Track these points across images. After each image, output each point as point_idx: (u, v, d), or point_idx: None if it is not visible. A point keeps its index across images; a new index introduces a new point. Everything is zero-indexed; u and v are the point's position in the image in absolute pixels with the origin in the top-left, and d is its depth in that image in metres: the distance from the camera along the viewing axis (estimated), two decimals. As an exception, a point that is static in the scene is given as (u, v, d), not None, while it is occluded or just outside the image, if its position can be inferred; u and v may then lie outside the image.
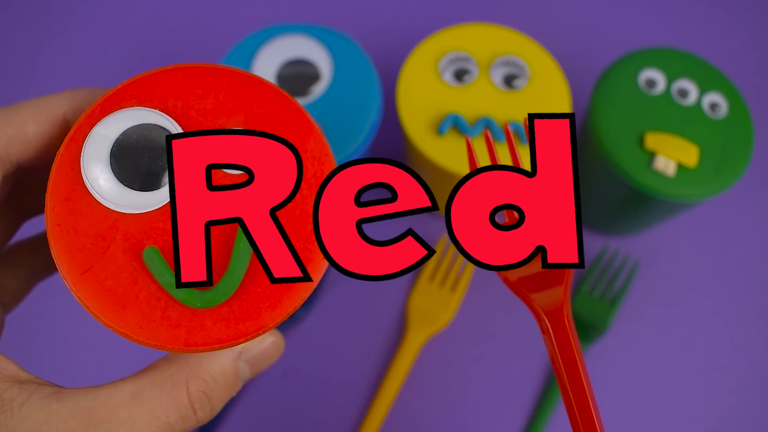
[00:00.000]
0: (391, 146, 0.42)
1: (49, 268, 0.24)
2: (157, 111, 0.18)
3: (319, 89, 0.34)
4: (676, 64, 0.35)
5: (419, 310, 0.38)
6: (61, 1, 0.48)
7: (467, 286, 0.39)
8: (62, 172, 0.17)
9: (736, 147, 0.33)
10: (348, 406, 0.37)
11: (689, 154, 0.32)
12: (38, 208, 0.23)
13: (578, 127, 0.40)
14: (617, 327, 0.39)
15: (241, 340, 0.18)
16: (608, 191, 0.36)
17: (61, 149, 0.17)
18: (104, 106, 0.18)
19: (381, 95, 0.35)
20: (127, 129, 0.18)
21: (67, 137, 0.18)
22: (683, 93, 0.34)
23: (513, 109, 0.33)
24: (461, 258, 0.39)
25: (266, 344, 0.20)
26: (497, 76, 0.34)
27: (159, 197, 0.18)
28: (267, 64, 0.34)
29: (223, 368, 0.19)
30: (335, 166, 0.19)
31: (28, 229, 0.23)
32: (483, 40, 0.34)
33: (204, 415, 0.19)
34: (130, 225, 0.17)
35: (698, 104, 0.34)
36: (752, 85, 0.46)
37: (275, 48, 0.35)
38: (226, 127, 0.18)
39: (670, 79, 0.35)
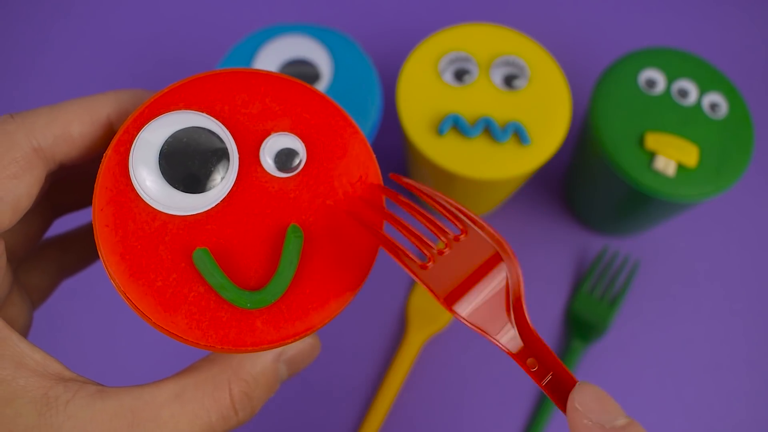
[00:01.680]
0: (391, 146, 0.42)
1: (76, 265, 0.24)
2: (205, 114, 0.18)
3: (319, 89, 0.34)
4: (676, 64, 0.35)
5: (419, 310, 0.38)
6: (62, 2, 0.48)
7: (467, 286, 0.39)
8: (110, 173, 0.17)
9: (736, 147, 0.33)
10: (348, 406, 0.37)
11: (689, 154, 0.32)
12: (70, 206, 0.23)
13: (578, 127, 0.40)
14: (617, 327, 0.39)
15: (289, 341, 0.18)
16: (608, 191, 0.36)
17: (109, 151, 0.17)
18: (152, 108, 0.18)
19: (381, 95, 0.35)
20: (176, 132, 0.18)
21: (115, 139, 0.17)
22: (683, 93, 0.34)
23: (513, 109, 0.33)
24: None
25: (304, 345, 0.20)
26: (497, 76, 0.34)
27: (207, 199, 0.18)
28: (267, 64, 0.34)
29: (264, 369, 0.19)
30: (378, 169, 0.19)
31: (55, 227, 0.23)
32: (483, 40, 0.34)
33: (245, 416, 0.19)
34: (178, 227, 0.17)
35: (698, 104, 0.34)
36: (752, 85, 0.46)
37: (275, 48, 0.35)
38: (273, 131, 0.19)
39: (670, 79, 0.35)
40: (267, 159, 0.18)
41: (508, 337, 0.18)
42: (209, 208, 0.18)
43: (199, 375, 0.18)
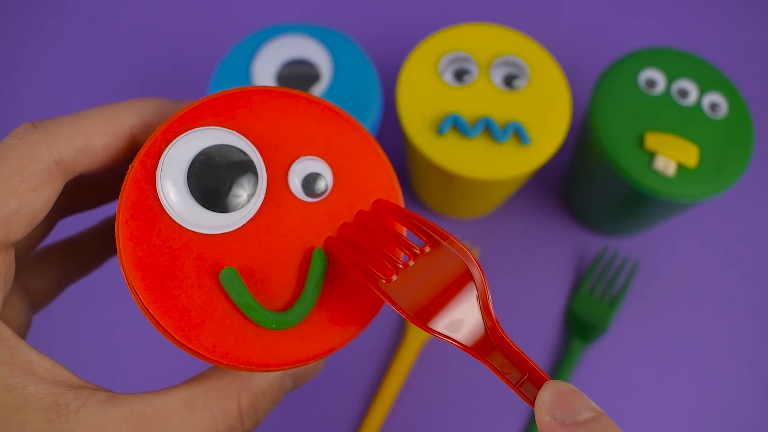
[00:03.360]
0: (391, 146, 0.42)
1: (80, 270, 0.24)
2: (235, 132, 0.18)
3: (319, 89, 0.34)
4: (676, 64, 0.35)
5: (419, 310, 0.38)
6: (62, 2, 0.48)
7: (467, 286, 0.39)
8: (136, 187, 0.17)
9: (736, 147, 0.33)
10: (348, 406, 0.37)
11: (689, 154, 0.32)
12: (74, 208, 0.23)
13: (578, 127, 0.40)
14: (617, 327, 0.39)
15: (310, 361, 0.18)
16: (608, 191, 0.36)
17: (136, 164, 0.17)
18: (181, 122, 0.18)
19: (381, 95, 0.35)
20: (206, 148, 0.17)
21: (142, 152, 0.17)
22: (683, 93, 0.34)
23: (513, 109, 0.33)
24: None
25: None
26: (497, 76, 0.34)
27: (235, 219, 0.18)
28: (267, 64, 0.34)
29: (271, 382, 0.19)
30: (400, 195, 0.20)
31: (59, 231, 0.23)
32: (483, 40, 0.34)
33: (250, 426, 0.19)
34: (204, 245, 0.17)
35: (698, 104, 0.34)
36: (752, 85, 0.46)
37: (275, 48, 0.35)
38: (301, 155, 0.19)
39: (670, 79, 0.35)
40: (295, 182, 0.18)
41: (476, 337, 0.17)
42: (237, 227, 0.18)
43: (208, 384, 0.18)
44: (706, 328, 0.40)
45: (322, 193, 0.19)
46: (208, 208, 0.17)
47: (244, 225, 0.18)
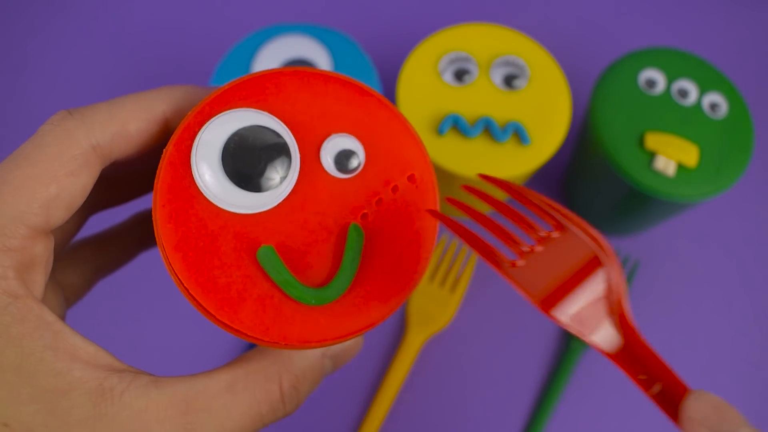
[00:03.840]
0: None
1: (111, 265, 0.24)
2: (267, 113, 0.18)
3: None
4: (676, 64, 0.35)
5: (419, 310, 0.38)
6: (63, 2, 0.48)
7: (467, 286, 0.39)
8: (171, 170, 0.17)
9: (736, 147, 0.33)
10: (348, 406, 0.37)
11: (689, 154, 0.32)
12: (105, 203, 0.23)
13: (578, 127, 0.40)
14: (617, 327, 0.39)
15: (350, 336, 0.18)
16: (608, 191, 0.36)
17: (170, 148, 0.17)
18: (213, 105, 0.18)
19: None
20: (239, 129, 0.18)
21: (175, 136, 0.17)
22: (683, 93, 0.34)
23: (513, 109, 0.33)
24: (461, 258, 0.39)
25: (348, 341, 0.21)
26: (497, 76, 0.34)
27: (270, 198, 0.18)
28: (267, 64, 0.34)
29: (312, 364, 0.19)
30: (432, 168, 0.20)
31: (89, 227, 0.23)
32: (483, 40, 0.34)
33: (291, 408, 0.19)
34: (241, 224, 0.18)
35: (698, 104, 0.34)
36: (752, 85, 0.46)
37: (275, 48, 0.35)
38: (333, 132, 0.19)
39: (670, 79, 0.35)
40: (327, 159, 0.19)
41: (608, 341, 0.16)
42: (272, 206, 0.18)
43: (250, 366, 0.18)
44: (706, 328, 0.40)
45: (355, 168, 0.19)
46: (243, 188, 0.17)
47: (279, 203, 0.18)
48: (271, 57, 0.35)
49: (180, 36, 0.47)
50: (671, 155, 0.32)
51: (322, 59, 0.35)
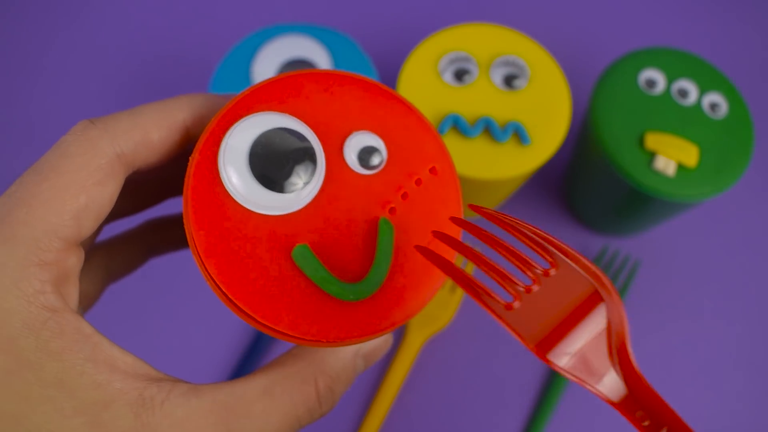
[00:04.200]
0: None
1: (122, 270, 0.24)
2: (289, 115, 0.18)
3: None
4: (676, 64, 0.35)
5: (419, 310, 0.38)
6: (63, 2, 0.48)
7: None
8: (200, 177, 0.17)
9: (736, 147, 0.33)
10: (348, 406, 0.37)
11: (689, 154, 0.32)
12: (123, 211, 0.23)
13: (578, 127, 0.40)
14: (617, 327, 0.39)
15: (389, 330, 0.18)
16: (608, 191, 0.36)
17: (196, 155, 0.17)
18: (235, 111, 0.18)
19: (381, 95, 0.35)
20: (264, 132, 0.18)
21: (201, 143, 0.18)
22: (683, 93, 0.34)
23: (513, 109, 0.33)
24: (461, 258, 0.39)
25: (379, 339, 0.21)
26: (497, 76, 0.34)
27: (299, 198, 0.18)
28: (267, 64, 0.34)
29: (345, 364, 0.20)
30: (451, 160, 0.20)
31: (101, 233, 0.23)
32: (483, 40, 0.34)
33: (327, 409, 0.19)
34: (272, 226, 0.18)
35: (698, 104, 0.34)
36: (752, 85, 0.46)
37: (275, 48, 0.35)
38: (354, 130, 0.19)
39: (670, 79, 0.35)
40: (351, 156, 0.19)
41: (610, 385, 0.16)
42: (302, 207, 0.18)
43: (286, 370, 0.18)
44: (706, 328, 0.40)
45: (378, 164, 0.19)
46: (272, 190, 0.18)
47: (308, 202, 0.18)
48: (271, 57, 0.35)
49: (180, 36, 0.47)
50: (671, 155, 0.32)
51: (322, 59, 0.35)
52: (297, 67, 0.34)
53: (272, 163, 0.18)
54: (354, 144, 0.19)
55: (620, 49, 0.47)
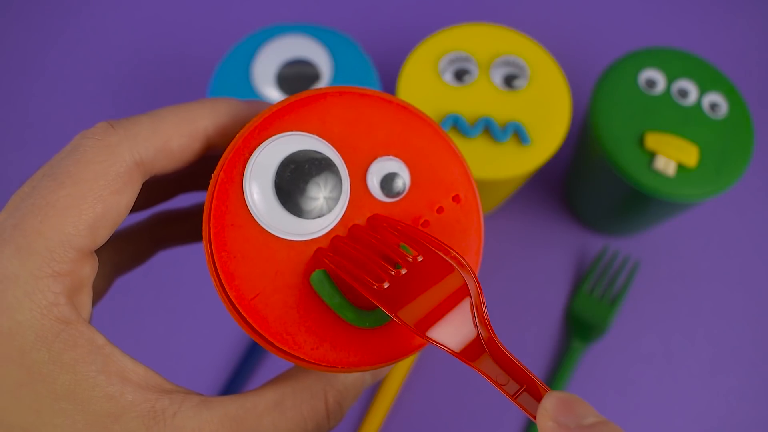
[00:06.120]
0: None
1: (129, 264, 0.24)
2: (317, 137, 0.18)
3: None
4: (676, 64, 0.35)
5: (419, 310, 0.38)
6: (63, 2, 0.48)
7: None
8: (223, 197, 0.17)
9: (736, 147, 0.33)
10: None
11: (689, 154, 0.32)
12: (132, 209, 0.23)
13: (578, 127, 0.40)
14: (617, 327, 0.39)
15: (402, 357, 0.18)
16: (608, 191, 0.36)
17: (220, 173, 0.17)
18: (261, 129, 0.18)
19: (381, 95, 0.35)
20: (291, 155, 0.18)
21: (225, 161, 0.17)
22: (683, 93, 0.34)
23: (513, 109, 0.33)
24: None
25: None
26: (497, 76, 0.34)
27: (322, 224, 0.18)
28: (267, 64, 0.34)
29: (354, 379, 0.20)
30: (476, 190, 0.20)
31: None
32: (483, 40, 0.34)
33: (334, 423, 0.19)
34: (293, 251, 0.18)
35: (698, 104, 0.34)
36: (752, 85, 0.46)
37: (275, 48, 0.35)
38: (379, 155, 0.19)
39: (670, 79, 0.35)
40: (374, 182, 0.19)
41: (477, 352, 0.17)
42: (324, 233, 0.18)
43: (296, 384, 0.18)
44: (706, 328, 0.40)
45: (400, 192, 0.19)
46: (297, 216, 0.17)
47: (331, 230, 0.18)
48: (271, 57, 0.35)
49: (180, 36, 0.47)
50: (671, 155, 0.32)
51: (322, 59, 0.35)
52: (297, 67, 0.34)
53: (298, 189, 0.17)
54: (377, 170, 0.19)
55: (620, 49, 0.47)
